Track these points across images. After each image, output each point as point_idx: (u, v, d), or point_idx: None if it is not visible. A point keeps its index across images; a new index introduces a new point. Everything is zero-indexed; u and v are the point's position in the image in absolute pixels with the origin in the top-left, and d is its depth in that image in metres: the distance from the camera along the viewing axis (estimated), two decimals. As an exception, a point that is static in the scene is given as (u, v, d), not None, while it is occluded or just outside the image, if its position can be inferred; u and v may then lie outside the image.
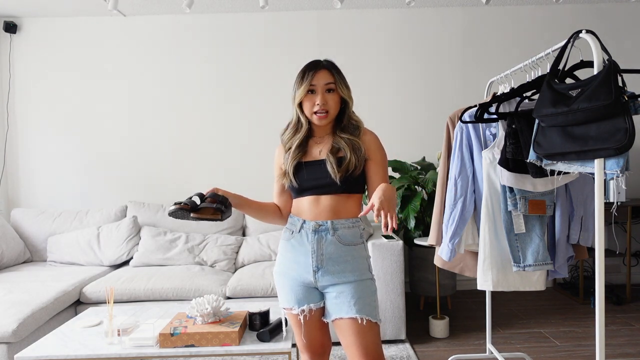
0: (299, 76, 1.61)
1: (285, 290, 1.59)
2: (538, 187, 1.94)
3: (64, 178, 3.88)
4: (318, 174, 1.55)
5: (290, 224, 1.62)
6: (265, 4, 2.86)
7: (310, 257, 1.53)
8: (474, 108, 2.11)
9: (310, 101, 1.57)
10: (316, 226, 1.53)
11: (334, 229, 1.53)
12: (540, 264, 1.98)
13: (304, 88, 1.57)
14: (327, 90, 1.56)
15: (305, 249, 1.54)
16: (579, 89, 1.51)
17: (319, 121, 1.58)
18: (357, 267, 1.53)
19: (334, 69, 1.61)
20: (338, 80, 1.59)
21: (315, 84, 1.55)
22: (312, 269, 1.52)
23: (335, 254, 1.52)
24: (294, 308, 1.56)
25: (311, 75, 1.56)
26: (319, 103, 1.55)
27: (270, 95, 3.89)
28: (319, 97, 1.56)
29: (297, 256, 1.56)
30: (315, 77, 1.56)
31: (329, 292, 1.53)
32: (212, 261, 3.20)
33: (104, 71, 3.86)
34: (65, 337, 1.98)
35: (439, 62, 3.92)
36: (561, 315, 3.29)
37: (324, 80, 1.56)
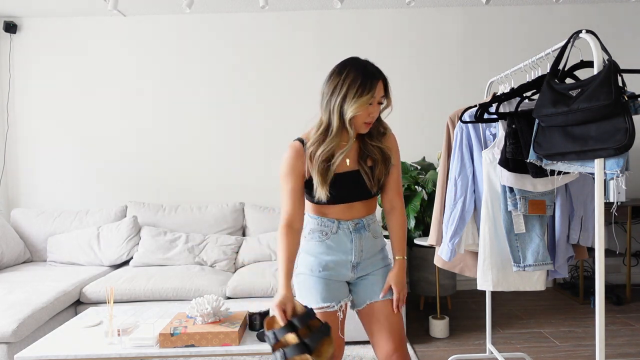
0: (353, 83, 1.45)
1: (319, 290, 1.55)
2: (538, 187, 1.94)
3: (64, 178, 3.88)
4: (352, 185, 1.54)
5: (319, 225, 1.58)
6: (265, 4, 2.86)
7: (352, 254, 1.58)
8: (474, 108, 2.11)
9: (365, 112, 1.46)
10: (354, 225, 1.58)
11: (368, 224, 1.61)
12: (540, 264, 1.98)
13: (366, 100, 1.44)
14: (378, 102, 1.49)
15: (344, 247, 1.57)
16: (579, 89, 1.51)
17: (365, 130, 1.51)
18: (384, 255, 1.66)
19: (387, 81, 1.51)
20: (389, 93, 1.51)
21: (375, 97, 1.46)
22: (352, 264, 1.58)
23: (370, 247, 1.61)
24: (331, 305, 1.54)
25: (373, 87, 1.45)
26: (373, 115, 1.49)
27: (271, 95, 3.90)
28: (374, 108, 1.48)
29: (335, 255, 1.57)
30: (377, 89, 1.46)
31: (362, 281, 1.61)
32: (212, 261, 3.20)
33: (104, 71, 3.86)
34: (65, 337, 1.98)
35: (439, 62, 3.92)
36: (561, 315, 3.29)
37: (380, 92, 1.47)
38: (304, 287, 1.59)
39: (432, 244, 2.32)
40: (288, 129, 3.90)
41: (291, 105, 3.90)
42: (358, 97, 1.44)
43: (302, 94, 3.89)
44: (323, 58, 3.88)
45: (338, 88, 1.48)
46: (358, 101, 1.44)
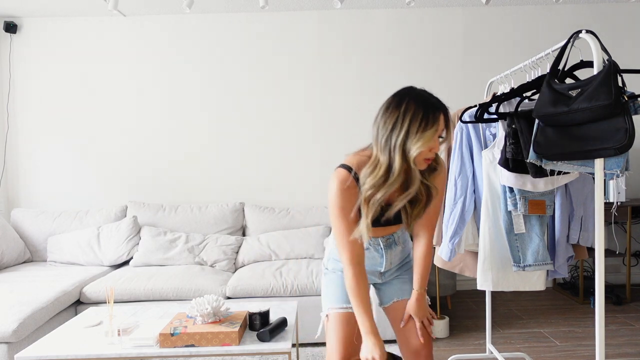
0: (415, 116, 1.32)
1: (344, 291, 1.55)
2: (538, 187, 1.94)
3: (64, 178, 3.88)
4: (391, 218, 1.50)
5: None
6: (265, 4, 2.86)
7: (382, 266, 1.63)
8: (474, 108, 2.11)
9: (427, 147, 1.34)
10: (385, 241, 1.62)
11: (398, 237, 1.65)
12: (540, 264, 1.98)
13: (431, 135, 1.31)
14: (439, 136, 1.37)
15: (374, 260, 1.62)
16: (579, 89, 1.51)
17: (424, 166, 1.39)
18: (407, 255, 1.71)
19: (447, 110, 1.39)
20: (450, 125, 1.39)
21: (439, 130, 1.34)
22: (380, 272, 1.65)
23: (399, 256, 1.68)
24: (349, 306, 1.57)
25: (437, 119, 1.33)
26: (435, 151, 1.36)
27: (271, 95, 3.90)
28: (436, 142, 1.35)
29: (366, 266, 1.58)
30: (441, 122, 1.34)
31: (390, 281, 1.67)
32: (212, 261, 3.20)
33: (104, 71, 3.86)
34: (65, 337, 1.98)
35: (439, 62, 3.92)
36: (561, 315, 3.29)
37: (442, 125, 1.36)
38: (330, 286, 1.64)
39: (432, 244, 2.31)
40: (288, 128, 3.92)
41: (291, 105, 3.90)
42: (422, 132, 1.31)
43: (302, 93, 3.89)
44: (323, 58, 3.88)
45: (399, 123, 1.33)
46: (422, 137, 1.31)
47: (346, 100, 3.89)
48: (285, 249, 3.28)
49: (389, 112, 1.37)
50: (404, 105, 1.34)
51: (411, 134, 1.32)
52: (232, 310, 2.13)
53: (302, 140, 3.90)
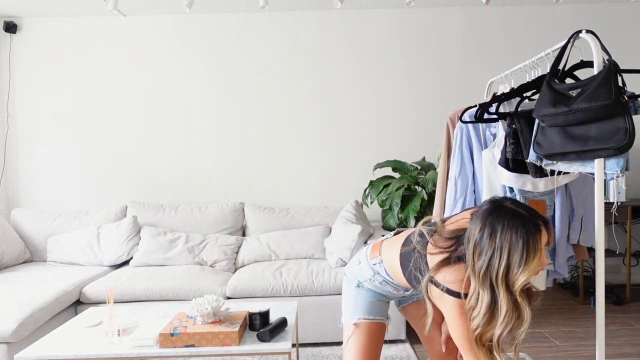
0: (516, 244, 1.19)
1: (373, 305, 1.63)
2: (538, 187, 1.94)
3: (64, 178, 3.88)
4: None
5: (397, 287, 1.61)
6: (265, 4, 2.86)
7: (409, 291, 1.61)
8: (474, 108, 2.11)
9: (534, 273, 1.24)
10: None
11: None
12: (540, 264, 1.98)
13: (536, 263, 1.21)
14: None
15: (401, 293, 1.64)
16: (579, 89, 1.51)
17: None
18: None
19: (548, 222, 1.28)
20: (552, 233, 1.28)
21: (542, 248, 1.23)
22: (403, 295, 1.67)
23: None
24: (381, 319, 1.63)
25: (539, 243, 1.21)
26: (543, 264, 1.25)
27: (271, 95, 3.90)
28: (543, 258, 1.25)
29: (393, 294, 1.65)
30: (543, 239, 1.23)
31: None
32: (212, 261, 3.20)
33: (104, 71, 3.86)
34: (65, 337, 1.98)
35: (439, 62, 3.92)
36: (561, 315, 3.29)
37: (545, 239, 1.24)
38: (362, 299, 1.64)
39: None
40: (288, 128, 3.92)
41: (291, 105, 3.90)
42: (525, 263, 1.19)
43: (303, 93, 3.89)
44: (323, 58, 3.88)
45: (497, 255, 1.20)
46: (527, 268, 1.19)
47: (346, 100, 3.89)
48: (285, 249, 3.28)
49: (484, 239, 1.23)
50: (499, 233, 1.21)
51: (514, 266, 1.19)
52: (232, 310, 2.13)
53: (302, 140, 3.90)
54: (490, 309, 1.22)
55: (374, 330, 1.59)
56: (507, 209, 1.24)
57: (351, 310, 1.64)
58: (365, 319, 1.60)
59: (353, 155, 3.92)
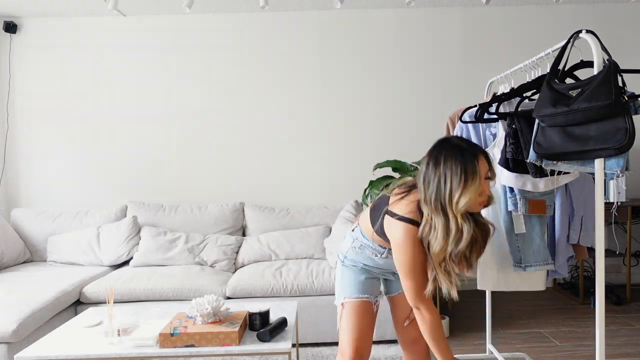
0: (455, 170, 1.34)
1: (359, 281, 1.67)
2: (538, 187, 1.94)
3: (64, 178, 3.88)
4: None
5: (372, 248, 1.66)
6: (265, 4, 2.86)
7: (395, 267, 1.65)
8: (474, 108, 2.11)
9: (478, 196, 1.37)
10: None
11: None
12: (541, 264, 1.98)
13: (476, 187, 1.33)
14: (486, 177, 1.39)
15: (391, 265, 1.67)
16: (579, 89, 1.51)
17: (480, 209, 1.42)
18: None
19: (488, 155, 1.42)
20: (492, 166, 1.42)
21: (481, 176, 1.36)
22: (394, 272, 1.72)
23: None
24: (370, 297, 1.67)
25: (476, 169, 1.34)
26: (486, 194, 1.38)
27: (270, 95, 3.90)
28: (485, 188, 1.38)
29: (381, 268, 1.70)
30: (481, 169, 1.36)
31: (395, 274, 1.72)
32: (212, 261, 3.20)
33: (104, 71, 3.86)
34: (65, 337, 1.98)
35: (439, 62, 3.92)
36: (561, 315, 3.29)
37: (485, 168, 1.38)
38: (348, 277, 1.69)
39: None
40: (288, 127, 3.92)
41: (291, 105, 3.90)
42: (465, 186, 1.32)
43: (302, 93, 3.89)
44: (323, 58, 3.88)
45: (442, 182, 1.35)
46: (467, 190, 1.33)
47: (346, 99, 3.89)
48: (285, 249, 3.28)
49: (429, 171, 1.39)
50: (442, 163, 1.36)
51: (455, 190, 1.32)
52: (232, 310, 2.12)
53: (303, 140, 3.90)
54: (445, 231, 1.36)
55: (360, 309, 1.63)
56: (449, 142, 1.42)
57: (339, 291, 1.71)
58: (350, 297, 1.64)
59: (353, 155, 3.91)
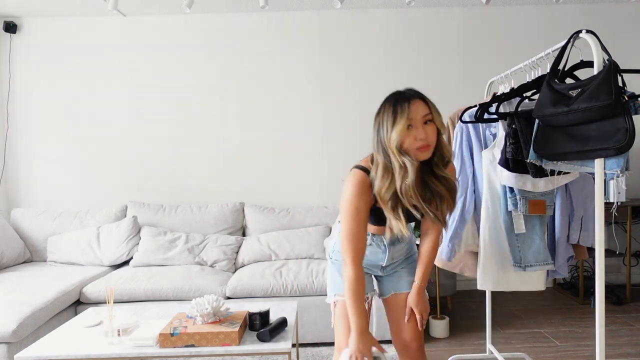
0: (388, 112, 1.41)
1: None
2: (538, 187, 1.94)
3: (64, 178, 3.88)
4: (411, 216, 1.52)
5: None
6: (265, 4, 2.86)
7: (385, 260, 1.69)
8: (474, 108, 2.11)
9: (410, 137, 1.39)
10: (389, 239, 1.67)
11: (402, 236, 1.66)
12: (541, 264, 1.98)
13: (404, 124, 1.38)
14: (424, 122, 1.41)
15: (378, 256, 1.69)
16: (579, 89, 1.51)
17: (422, 155, 1.41)
18: (410, 251, 1.76)
19: (425, 98, 1.45)
20: (433, 110, 1.44)
21: (412, 118, 1.38)
22: (382, 266, 1.71)
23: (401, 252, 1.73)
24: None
25: (405, 108, 1.39)
26: (421, 137, 1.39)
27: (270, 95, 3.90)
28: (419, 130, 1.39)
29: (368, 260, 1.68)
30: (412, 110, 1.39)
31: (391, 274, 1.72)
32: (212, 261, 3.20)
33: (104, 71, 3.86)
34: (65, 337, 1.98)
35: (439, 62, 3.92)
36: (561, 315, 3.29)
37: (421, 111, 1.40)
38: (335, 274, 1.70)
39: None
40: (288, 128, 3.92)
41: (291, 105, 3.90)
42: (393, 124, 1.39)
43: (302, 93, 3.89)
44: (323, 58, 3.88)
45: (381, 123, 1.43)
46: (395, 127, 1.38)
47: (346, 99, 3.89)
48: (285, 249, 3.28)
49: (375, 118, 1.48)
50: (382, 107, 1.45)
51: (387, 128, 1.40)
52: (232, 310, 2.13)
53: (303, 140, 3.90)
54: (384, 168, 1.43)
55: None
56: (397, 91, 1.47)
57: (329, 290, 1.72)
58: (340, 295, 1.64)
59: (353, 155, 3.88)
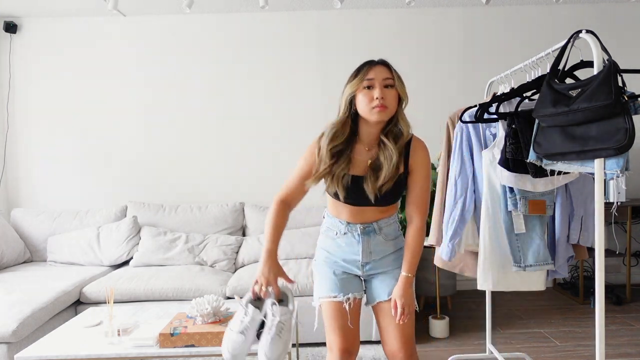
0: (353, 73, 1.54)
1: (329, 279, 1.64)
2: (538, 187, 1.94)
3: (64, 178, 3.88)
4: (361, 190, 1.54)
5: (331, 224, 1.70)
6: (265, 4, 2.86)
7: (360, 255, 1.63)
8: (474, 108, 2.11)
9: (368, 96, 1.48)
10: (363, 228, 1.62)
11: (380, 228, 1.63)
12: (541, 264, 1.98)
13: (358, 81, 1.49)
14: (385, 85, 1.49)
15: (353, 248, 1.64)
16: (579, 89, 1.51)
17: (378, 115, 1.49)
18: (398, 256, 1.65)
19: (390, 65, 1.54)
20: (396, 77, 1.52)
21: (372, 78, 1.48)
22: (361, 264, 1.63)
23: (381, 248, 1.64)
24: (338, 296, 1.59)
25: (367, 70, 1.50)
26: (377, 97, 1.46)
27: (271, 95, 3.89)
28: (377, 90, 1.48)
29: (345, 254, 1.65)
30: (372, 72, 1.49)
31: (373, 279, 1.65)
32: (212, 261, 3.20)
33: (104, 71, 3.86)
34: (65, 337, 1.98)
35: (439, 62, 3.92)
36: (561, 315, 3.29)
37: (382, 74, 1.49)
38: (318, 276, 1.68)
39: (432, 244, 2.31)
40: (288, 128, 3.91)
41: (291, 105, 3.90)
42: (351, 81, 1.52)
43: (302, 93, 3.89)
44: (323, 58, 3.88)
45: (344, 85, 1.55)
46: (351, 83, 1.51)
47: (346, 100, 3.88)
48: (285, 249, 3.28)
49: None
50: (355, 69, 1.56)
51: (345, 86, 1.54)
52: (232, 310, 2.12)
53: (303, 140, 3.88)
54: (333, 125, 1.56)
55: (330, 310, 1.58)
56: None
57: (314, 290, 1.70)
58: (321, 298, 1.62)
59: (353, 155, 3.91)
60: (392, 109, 1.52)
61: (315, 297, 1.67)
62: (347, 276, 1.64)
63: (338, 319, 1.57)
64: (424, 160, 1.60)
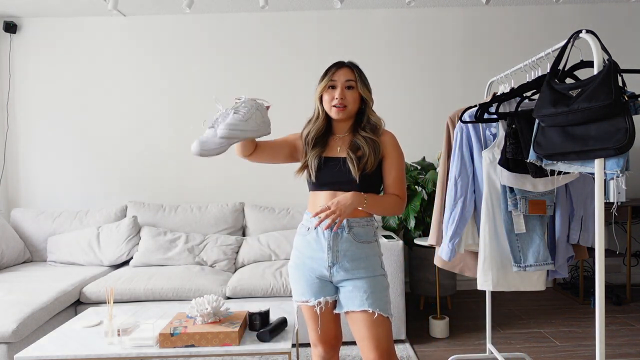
0: (322, 74, 1.70)
1: (301, 284, 1.67)
2: (538, 187, 1.94)
3: (64, 178, 3.88)
4: (337, 170, 1.62)
5: (305, 220, 1.71)
6: (265, 4, 2.86)
7: (326, 254, 1.60)
8: (474, 108, 2.11)
9: (330, 95, 1.64)
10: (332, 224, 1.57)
11: (350, 227, 1.60)
12: (541, 264, 1.98)
13: (325, 82, 1.66)
14: (347, 87, 1.64)
15: (321, 245, 1.62)
16: (579, 89, 1.51)
17: (336, 114, 1.64)
18: (370, 263, 1.60)
19: (355, 68, 1.68)
20: (358, 79, 1.65)
21: (335, 79, 1.64)
22: (328, 264, 1.60)
23: (350, 251, 1.60)
24: (310, 300, 1.62)
25: (333, 72, 1.65)
26: (337, 97, 1.62)
27: (270, 95, 3.86)
28: (338, 91, 1.63)
29: (313, 252, 1.64)
30: (337, 74, 1.65)
31: (343, 286, 1.61)
32: (212, 261, 3.20)
33: (104, 71, 3.86)
34: (65, 337, 1.98)
35: (439, 62, 3.92)
36: (561, 315, 3.29)
37: (344, 77, 1.64)
38: (291, 280, 1.73)
39: (432, 244, 2.32)
40: (288, 128, 3.90)
41: (291, 105, 3.89)
42: (320, 82, 1.68)
43: (302, 93, 3.89)
44: (323, 58, 3.86)
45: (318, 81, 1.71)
46: (320, 84, 1.67)
47: (346, 100, 3.88)
48: (285, 249, 3.28)
49: None
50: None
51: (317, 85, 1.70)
52: (232, 310, 2.12)
53: (302, 140, 3.89)
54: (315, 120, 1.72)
55: (305, 314, 1.67)
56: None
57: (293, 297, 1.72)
58: (297, 302, 1.67)
59: (353, 155, 3.91)
60: (352, 108, 1.64)
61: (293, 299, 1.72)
62: (318, 281, 1.63)
63: (316, 320, 1.63)
64: (393, 142, 1.66)
